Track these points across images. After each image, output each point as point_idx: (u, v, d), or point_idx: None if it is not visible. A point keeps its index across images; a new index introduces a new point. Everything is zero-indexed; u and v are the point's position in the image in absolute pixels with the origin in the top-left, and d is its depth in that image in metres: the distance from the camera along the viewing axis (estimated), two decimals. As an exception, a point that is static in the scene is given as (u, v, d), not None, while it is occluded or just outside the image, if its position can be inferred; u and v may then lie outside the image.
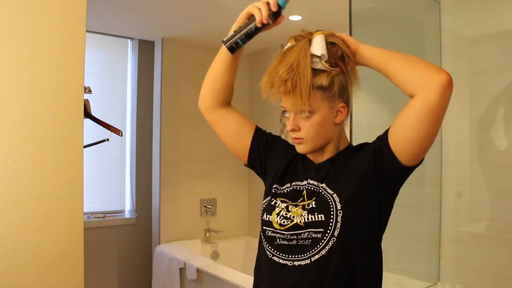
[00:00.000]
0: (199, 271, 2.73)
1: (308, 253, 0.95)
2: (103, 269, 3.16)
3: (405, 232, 2.29)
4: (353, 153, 1.04)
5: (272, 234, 1.01)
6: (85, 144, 1.55)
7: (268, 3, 1.00)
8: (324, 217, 0.95)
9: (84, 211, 1.51)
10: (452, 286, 2.05)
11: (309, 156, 1.10)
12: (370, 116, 2.30)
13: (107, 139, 2.37)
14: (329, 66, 0.97)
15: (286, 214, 1.00)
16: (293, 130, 1.02)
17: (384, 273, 1.05)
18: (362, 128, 2.11)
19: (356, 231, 0.96)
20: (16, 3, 1.35)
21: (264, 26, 1.02)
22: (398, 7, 2.28)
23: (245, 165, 1.20)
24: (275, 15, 1.01)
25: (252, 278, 1.13)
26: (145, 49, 3.36)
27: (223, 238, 3.53)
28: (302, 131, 1.01)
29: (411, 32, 2.30)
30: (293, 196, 1.04)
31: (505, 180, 1.97)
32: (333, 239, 0.93)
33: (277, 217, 1.00)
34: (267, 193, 1.11)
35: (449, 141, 2.18)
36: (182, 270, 2.89)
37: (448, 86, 0.87)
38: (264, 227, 1.04)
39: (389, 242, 2.30)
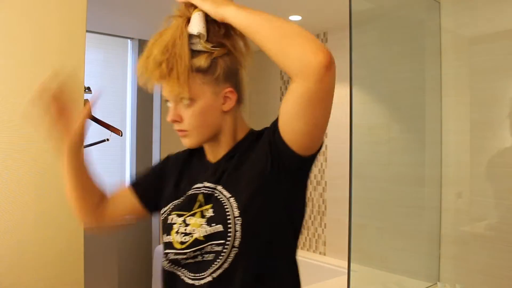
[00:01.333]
0: (199, 271, 2.73)
1: (209, 269, 0.84)
2: (103, 269, 3.16)
3: (405, 232, 2.29)
4: (252, 145, 0.90)
5: (175, 257, 0.88)
6: (85, 144, 1.55)
7: None
8: (222, 227, 0.82)
9: (84, 211, 1.50)
10: (452, 286, 2.05)
11: (207, 154, 0.96)
12: (370, 116, 2.30)
13: (107, 139, 2.37)
14: (210, 46, 0.85)
15: (185, 229, 0.86)
16: (174, 121, 0.88)
17: (384, 273, 1.03)
18: (362, 128, 2.11)
19: (260, 238, 0.85)
20: (17, 3, 1.35)
21: None
22: (398, 7, 2.28)
23: (150, 213, 1.07)
24: None
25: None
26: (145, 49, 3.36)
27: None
28: (185, 122, 0.87)
29: (411, 32, 2.30)
30: (189, 204, 0.90)
31: (505, 180, 1.97)
32: (235, 250, 0.82)
33: (176, 235, 0.87)
34: (163, 211, 0.96)
35: (449, 141, 2.18)
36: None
37: (327, 69, 0.71)
38: (165, 251, 0.90)
39: (389, 242, 2.31)
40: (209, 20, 0.85)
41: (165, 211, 0.94)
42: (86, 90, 2.18)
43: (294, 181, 0.88)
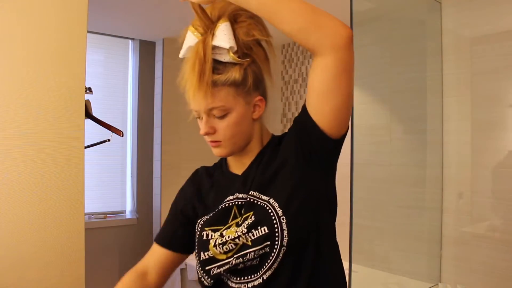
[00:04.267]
0: (200, 272, 2.73)
1: (260, 272, 0.84)
2: (104, 270, 3.16)
3: (406, 233, 2.29)
4: (276, 148, 0.93)
5: (218, 270, 0.87)
6: (86, 144, 1.55)
7: None
8: (268, 229, 0.83)
9: (85, 212, 1.51)
10: (453, 286, 2.05)
11: (231, 166, 0.97)
12: (370, 116, 2.29)
13: (108, 140, 2.37)
14: (237, 57, 0.85)
15: (223, 240, 0.86)
16: (207, 134, 0.89)
17: (385, 273, 1.03)
18: (362, 128, 2.11)
19: (306, 232, 0.85)
20: (17, 4, 1.35)
21: None
22: (399, 8, 2.28)
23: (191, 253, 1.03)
24: None
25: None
26: (146, 49, 3.36)
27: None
28: (219, 133, 0.88)
29: (412, 33, 2.30)
30: (222, 219, 0.90)
31: (506, 181, 1.96)
32: (283, 249, 0.82)
33: (216, 248, 0.87)
34: (196, 231, 0.95)
35: (450, 141, 2.18)
36: (183, 271, 2.88)
37: (352, 39, 0.79)
38: (206, 268, 0.88)
39: (390, 243, 2.30)
40: (235, 32, 0.86)
41: (197, 230, 0.94)
42: (87, 91, 2.18)
43: (329, 165, 0.89)
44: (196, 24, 0.87)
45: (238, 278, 0.86)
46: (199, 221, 0.94)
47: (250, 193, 0.88)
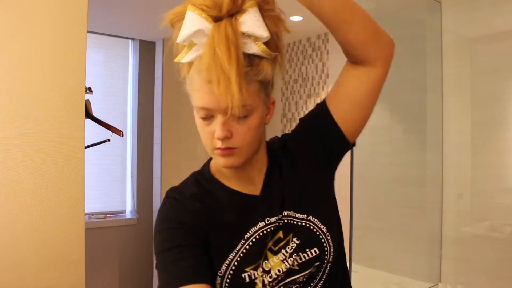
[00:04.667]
0: (200, 272, 2.73)
1: None
2: (104, 270, 3.16)
3: (406, 233, 2.29)
4: (286, 154, 0.83)
5: None
6: (86, 144, 1.55)
7: None
8: (318, 249, 0.76)
9: (85, 212, 1.51)
10: (453, 286, 2.05)
11: (231, 183, 0.81)
12: (371, 117, 2.29)
13: (108, 140, 2.37)
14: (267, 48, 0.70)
15: (274, 276, 0.75)
16: (226, 138, 0.71)
17: (385, 273, 1.04)
18: (363, 129, 2.11)
19: (338, 241, 0.82)
20: (17, 4, 1.35)
21: None
22: (399, 8, 2.27)
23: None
24: None
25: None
26: (146, 49, 3.36)
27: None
28: (236, 138, 0.72)
29: (412, 33, 2.30)
30: (257, 252, 0.75)
31: (506, 181, 1.96)
32: (329, 265, 0.79)
33: (265, 275, 0.75)
34: (223, 273, 0.75)
35: (450, 141, 2.18)
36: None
37: None
38: None
39: (390, 243, 2.30)
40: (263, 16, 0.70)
41: (227, 271, 0.75)
42: (87, 91, 2.18)
43: (334, 170, 0.87)
44: (201, 3, 0.67)
45: None
46: (227, 261, 0.75)
47: (284, 213, 0.78)
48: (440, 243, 2.19)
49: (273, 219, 0.77)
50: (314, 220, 0.77)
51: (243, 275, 0.74)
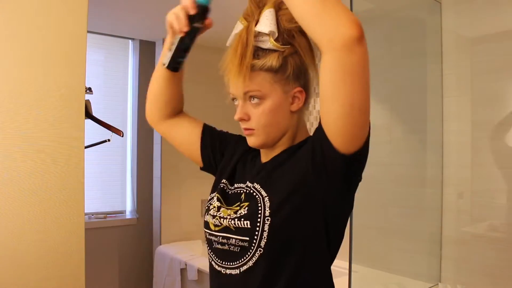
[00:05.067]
0: (200, 272, 2.73)
1: (238, 262, 0.84)
2: (104, 270, 3.16)
3: (406, 233, 2.29)
4: (299, 149, 0.89)
5: (209, 237, 0.92)
6: (86, 144, 1.55)
7: (184, 8, 0.86)
8: (250, 224, 0.82)
9: (85, 212, 1.51)
10: (453, 286, 2.05)
11: (262, 154, 0.96)
12: (371, 117, 2.29)
13: (108, 140, 2.38)
14: (280, 44, 0.85)
15: (215, 213, 0.91)
16: (241, 119, 0.88)
17: (385, 273, 1.02)
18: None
19: (288, 245, 0.81)
20: (17, 4, 1.35)
21: (193, 33, 0.87)
22: (399, 8, 2.27)
23: (201, 168, 1.10)
24: (200, 17, 0.87)
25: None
26: (146, 49, 3.36)
27: (224, 239, 3.53)
28: (253, 120, 0.87)
29: (412, 33, 2.30)
30: (231, 200, 0.92)
31: (506, 181, 1.96)
32: (260, 250, 0.81)
33: (211, 217, 0.91)
34: (213, 188, 1.00)
35: (450, 141, 2.18)
36: (183, 271, 2.88)
37: (358, 41, 0.70)
38: (205, 229, 0.94)
39: (390, 243, 2.30)
40: (278, 18, 0.85)
41: (211, 196, 0.97)
42: (87, 91, 2.18)
43: (337, 188, 0.82)
44: (245, 13, 0.89)
45: (220, 261, 0.88)
46: (221, 184, 0.97)
47: (253, 184, 0.89)
48: (440, 243, 2.19)
49: (251, 185, 0.90)
50: (266, 201, 0.83)
51: (213, 199, 0.95)
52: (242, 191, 0.91)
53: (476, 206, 2.07)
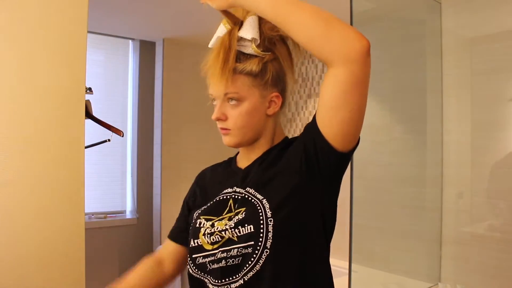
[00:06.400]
0: (200, 272, 2.73)
1: (239, 274, 0.83)
2: (104, 270, 3.16)
3: (406, 233, 2.29)
4: (284, 150, 0.93)
5: (203, 260, 0.88)
6: (86, 144, 1.55)
7: None
8: (254, 228, 0.82)
9: (85, 212, 1.51)
10: (453, 286, 2.05)
11: (238, 160, 0.99)
12: (370, 116, 2.29)
13: (108, 140, 2.37)
14: (261, 50, 0.89)
15: (213, 230, 0.88)
16: (218, 119, 0.91)
17: (384, 273, 1.03)
18: (363, 129, 2.11)
19: (292, 239, 0.84)
20: (17, 4, 1.35)
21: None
22: (399, 8, 2.28)
23: None
24: None
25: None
26: (146, 49, 3.37)
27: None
28: (229, 121, 0.91)
29: (412, 33, 2.30)
30: (218, 210, 0.91)
31: (506, 181, 1.96)
32: (266, 252, 0.81)
33: (204, 237, 0.88)
34: (191, 221, 0.98)
35: (450, 141, 2.18)
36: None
37: (368, 53, 0.76)
38: (193, 256, 0.90)
39: (390, 243, 2.30)
40: (261, 26, 0.89)
41: (193, 218, 0.96)
42: (87, 91, 2.18)
43: (330, 181, 0.88)
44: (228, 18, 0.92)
45: (218, 281, 0.85)
46: (197, 210, 0.96)
47: (246, 189, 0.89)
48: (439, 243, 2.19)
49: (239, 190, 0.91)
50: (265, 203, 0.84)
51: (198, 221, 0.92)
52: (228, 197, 0.91)
53: (475, 206, 2.07)
